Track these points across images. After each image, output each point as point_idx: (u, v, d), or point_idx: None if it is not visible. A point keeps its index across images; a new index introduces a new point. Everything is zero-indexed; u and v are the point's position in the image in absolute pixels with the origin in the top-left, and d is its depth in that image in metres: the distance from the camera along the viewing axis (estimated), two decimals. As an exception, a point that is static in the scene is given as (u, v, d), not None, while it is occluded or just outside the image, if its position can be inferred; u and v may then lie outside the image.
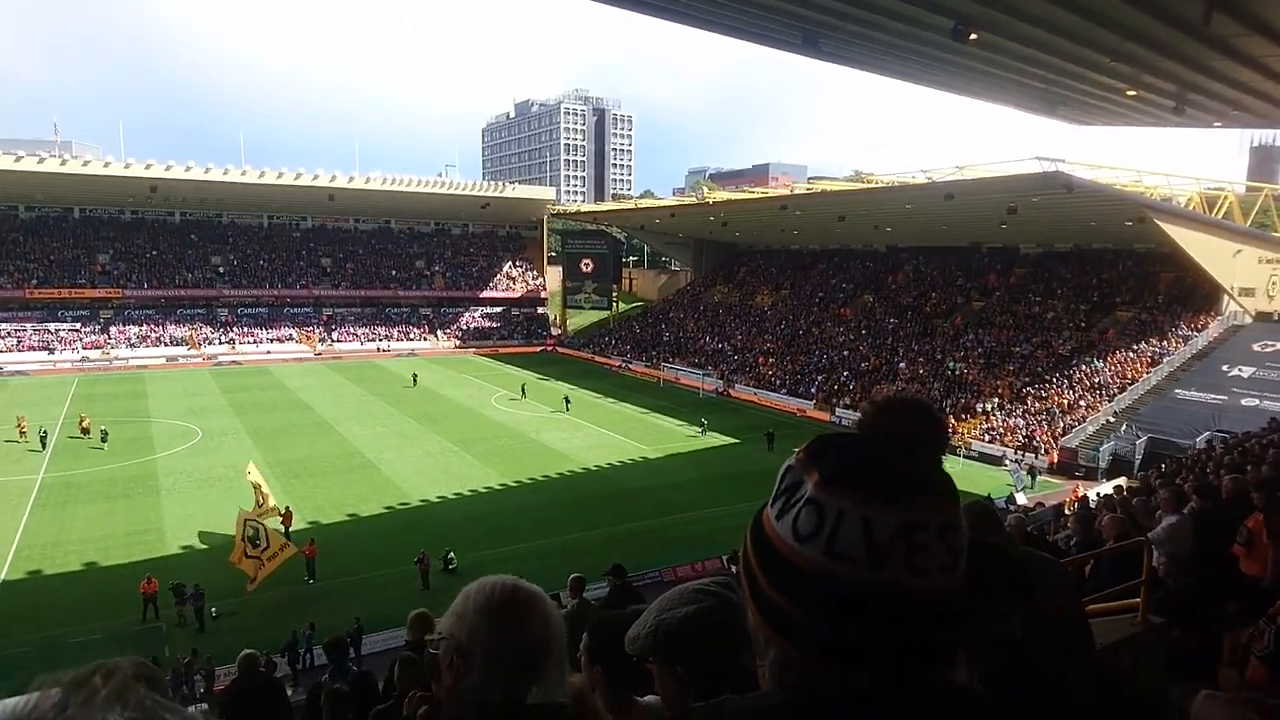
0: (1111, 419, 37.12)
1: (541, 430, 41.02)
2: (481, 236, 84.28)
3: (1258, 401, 33.67)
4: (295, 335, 68.62)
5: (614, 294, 78.03)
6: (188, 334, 64.90)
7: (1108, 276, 47.98)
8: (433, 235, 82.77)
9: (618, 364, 64.31)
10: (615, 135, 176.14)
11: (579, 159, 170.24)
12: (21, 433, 36.09)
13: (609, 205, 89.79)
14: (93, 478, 31.44)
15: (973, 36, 13.82)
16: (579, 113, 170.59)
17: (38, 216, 67.29)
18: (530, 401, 48.00)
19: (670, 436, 40.99)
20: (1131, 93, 18.00)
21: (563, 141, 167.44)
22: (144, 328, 64.53)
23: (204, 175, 63.76)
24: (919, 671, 0.83)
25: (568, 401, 46.64)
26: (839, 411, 45.77)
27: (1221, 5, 11.11)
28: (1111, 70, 16.31)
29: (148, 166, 62.29)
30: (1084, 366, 41.40)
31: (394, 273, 76.95)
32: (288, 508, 25.82)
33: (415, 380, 52.65)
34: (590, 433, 41.17)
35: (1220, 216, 41.95)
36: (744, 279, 71.93)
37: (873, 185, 48.08)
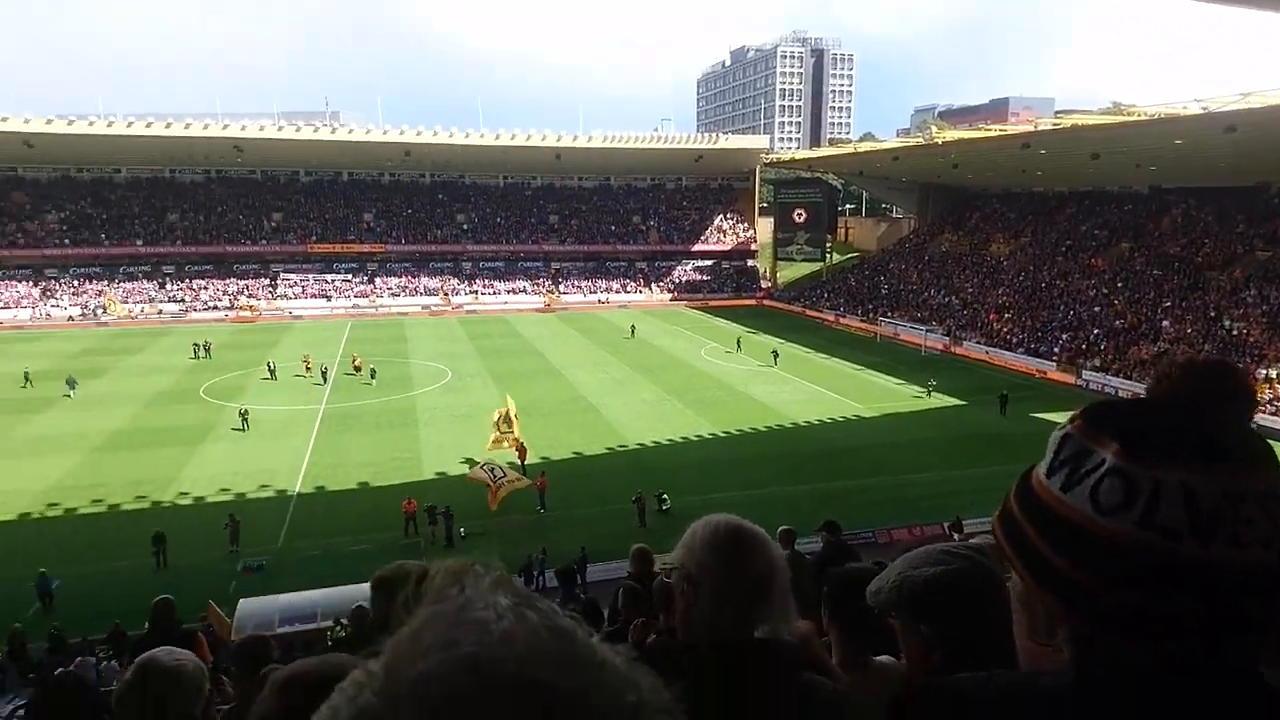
0: None
1: (750, 383, 41.27)
2: (694, 190, 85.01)
3: None
4: (529, 288, 73.96)
5: (828, 245, 75.67)
6: (439, 285, 72.17)
7: None
8: (648, 190, 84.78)
9: (832, 318, 62.69)
10: (834, 76, 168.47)
11: (794, 104, 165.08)
12: (307, 369, 42.41)
13: (825, 151, 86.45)
14: (364, 410, 36.36)
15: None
16: (796, 56, 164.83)
17: (315, 180, 77.39)
18: (740, 355, 48.33)
19: (887, 395, 39.57)
20: None
21: (778, 87, 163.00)
22: (403, 279, 72.63)
23: (449, 139, 69.94)
24: (1231, 642, 0.79)
25: (776, 355, 46.40)
26: (1086, 374, 41.56)
27: None
28: None
29: (402, 132, 69.46)
30: None
31: (613, 228, 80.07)
32: (522, 443, 28.35)
33: (633, 332, 54.67)
34: (800, 388, 40.79)
35: None
36: (976, 226, 66.66)
37: (1135, 118, 42.13)
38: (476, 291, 72.67)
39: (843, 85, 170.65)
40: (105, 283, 65.55)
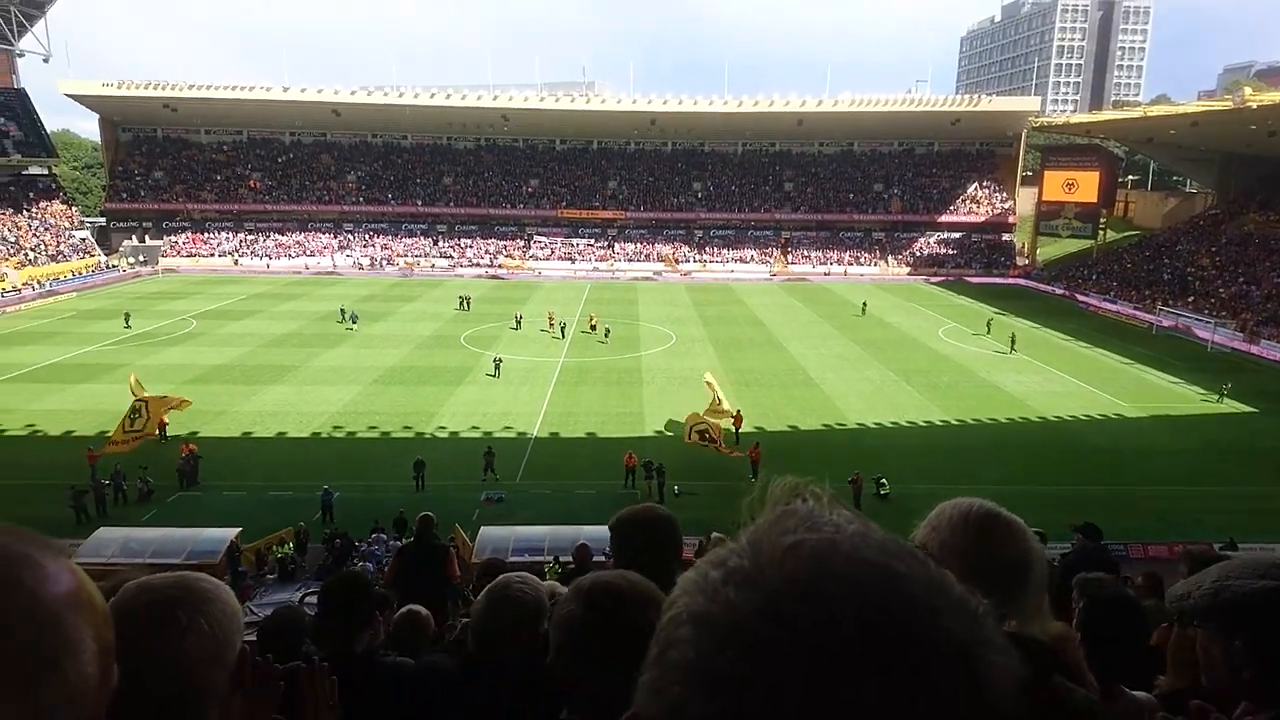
0: None
1: (993, 369, 38.25)
2: (947, 156, 79.19)
3: None
4: (756, 256, 73.78)
5: (1102, 221, 67.30)
6: (667, 252, 74.23)
7: None
8: (895, 156, 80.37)
9: (1100, 303, 56.01)
10: (1125, 32, 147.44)
11: (1073, 62, 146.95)
12: (551, 324, 45.81)
13: (1108, 114, 76.30)
14: (596, 365, 38.66)
15: None
16: (1080, 9, 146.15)
17: (569, 149, 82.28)
18: (988, 338, 44.73)
19: (1158, 394, 34.90)
20: None
21: (1055, 44, 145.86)
22: (639, 245, 75.56)
23: (694, 106, 71.19)
24: None
25: (1014, 341, 42.66)
26: None
27: None
28: None
29: (650, 101, 71.86)
30: None
31: (851, 196, 77.10)
32: (739, 411, 28.68)
33: (864, 309, 52.57)
34: (1052, 378, 37.12)
35: None
36: (1295, 206, 55.96)
37: None
38: (705, 260, 73.72)
39: (1135, 42, 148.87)
40: (390, 237, 74.96)
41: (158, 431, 26.70)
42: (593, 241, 76.29)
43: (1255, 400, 33.27)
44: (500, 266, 71.54)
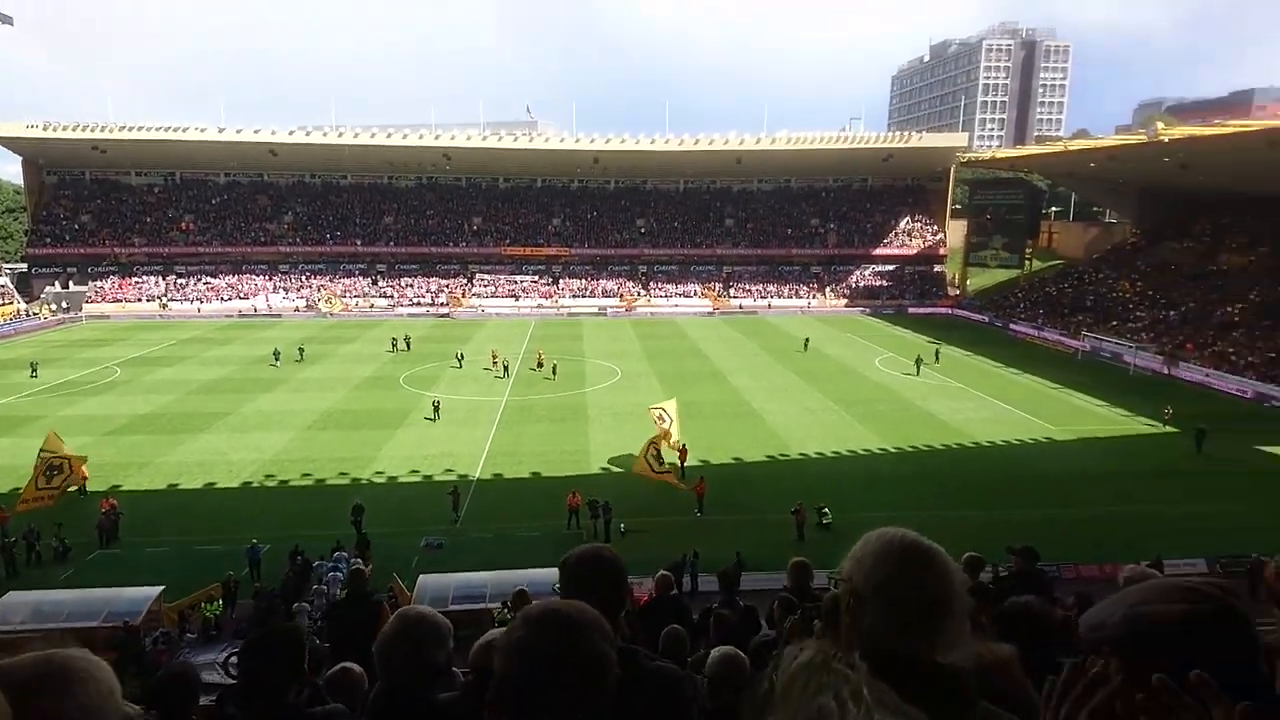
0: None
1: (928, 397, 39.18)
2: (880, 191, 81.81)
3: None
4: (699, 291, 74.69)
5: (1028, 250, 70.09)
6: (617, 288, 74.67)
7: None
8: (831, 191, 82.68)
9: (1027, 330, 58.03)
10: (1045, 70, 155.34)
11: (998, 100, 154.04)
12: (495, 362, 45.38)
13: (1031, 149, 79.88)
14: (539, 404, 38.37)
15: None
16: (1003, 49, 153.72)
17: (512, 187, 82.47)
18: (932, 368, 45.62)
19: (1085, 417, 36.13)
20: None
21: (981, 82, 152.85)
22: (583, 281, 75.79)
23: (636, 145, 72.28)
24: None
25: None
26: (1334, 405, 35.75)
27: None
28: None
29: (592, 140, 72.71)
30: None
31: (789, 231, 78.92)
32: (684, 444, 28.70)
33: (806, 345, 51.97)
34: (984, 404, 38.18)
35: None
36: (1203, 233, 59.14)
37: None
38: (649, 294, 74.38)
39: (1055, 79, 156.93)
40: (328, 278, 73.67)
41: (77, 487, 25.49)
42: (537, 278, 76.26)
43: (1177, 422, 34.61)
44: (444, 305, 70.85)
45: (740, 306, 72.11)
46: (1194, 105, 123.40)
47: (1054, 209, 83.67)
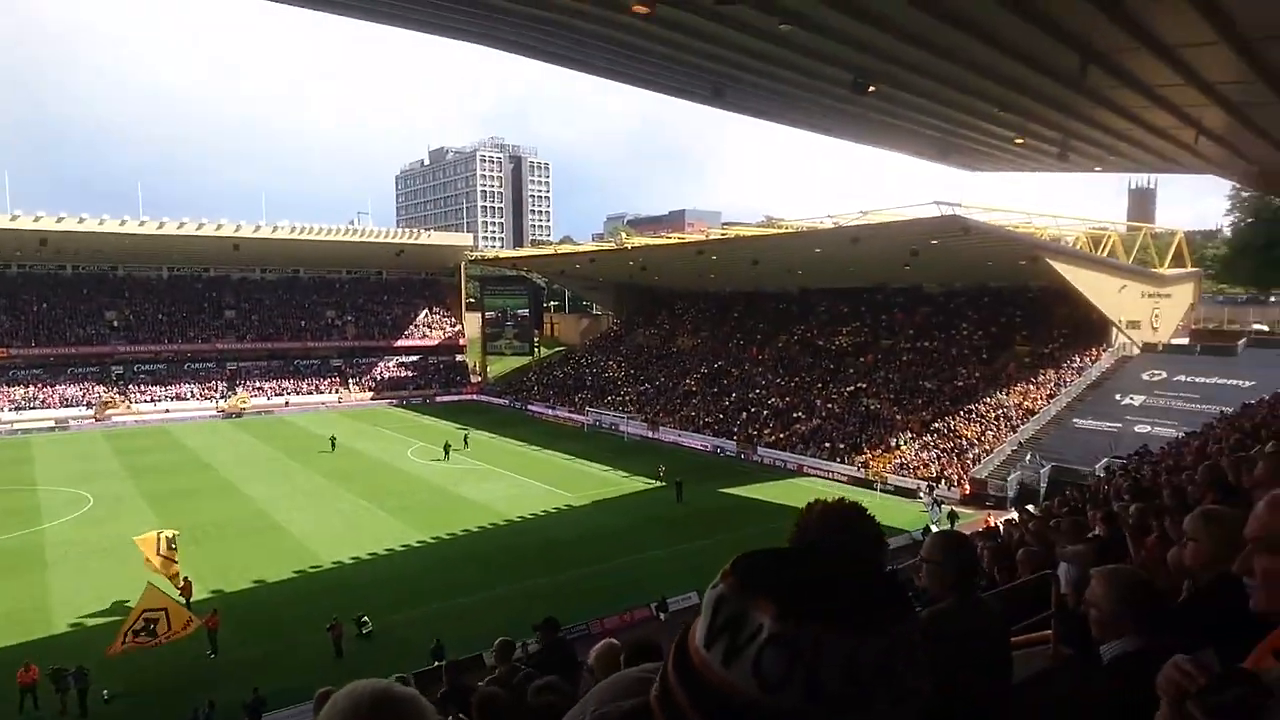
0: (1016, 449, 38.75)
1: (460, 482, 39.94)
2: (396, 284, 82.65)
3: (1149, 428, 35.78)
4: (198, 392, 65.30)
5: (535, 339, 77.63)
6: (89, 396, 60.93)
7: (1006, 313, 50.52)
8: (344, 284, 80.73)
9: (544, 410, 63.64)
10: (533, 182, 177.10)
11: (496, 205, 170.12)
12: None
13: (528, 251, 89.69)
14: (-36, 554, 28.76)
15: (871, 89, 14.43)
16: (495, 160, 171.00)
17: (-93, 271, 62.44)
18: (455, 454, 46.33)
19: (596, 482, 40.54)
20: (1019, 140, 19.14)
21: (479, 188, 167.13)
22: (28, 389, 60.28)
23: (98, 226, 60.89)
24: None
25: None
26: (761, 450, 46.30)
27: (1095, 59, 11.94)
28: (1000, 120, 17.32)
29: (36, 219, 59.08)
30: (988, 400, 43.24)
31: (303, 323, 74.45)
32: (187, 578, 24.17)
33: (334, 444, 47.95)
34: (512, 482, 40.34)
35: (1105, 255, 44.93)
36: (664, 322, 72.67)
37: (783, 231, 49.56)
38: (129, 400, 62.62)
39: (541, 190, 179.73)
40: None
41: None
42: (-45, 389, 58.32)
43: (669, 476, 40.31)
44: None
45: (253, 406, 64.93)
46: (647, 219, 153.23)
47: (553, 303, 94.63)
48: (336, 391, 70.94)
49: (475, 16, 14.96)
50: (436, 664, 17.83)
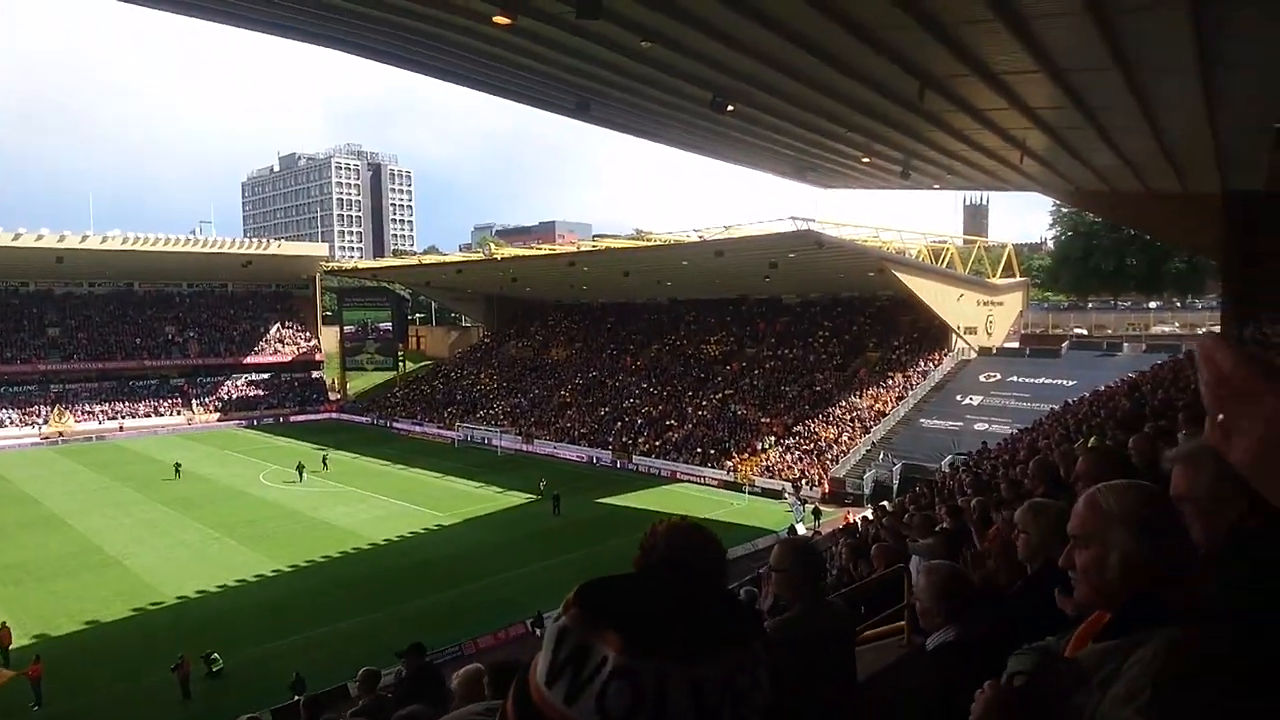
0: (870, 449, 41.16)
1: (320, 506, 37.90)
2: (244, 297, 77.49)
3: (987, 425, 38.84)
4: (19, 418, 58.66)
5: (400, 353, 74.98)
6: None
7: (857, 321, 53.68)
8: (185, 297, 74.93)
9: (410, 427, 61.51)
10: (393, 191, 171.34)
11: (354, 214, 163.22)
12: None
13: (389, 261, 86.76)
14: None
15: (730, 108, 15.01)
16: (351, 167, 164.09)
17: None
18: (312, 476, 43.90)
19: (467, 500, 39.58)
20: (866, 160, 20.48)
21: (335, 197, 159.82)
22: None
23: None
24: None
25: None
26: (636, 458, 46.78)
27: (932, 84, 12.96)
28: (848, 140, 18.46)
29: None
30: (844, 403, 45.73)
31: (138, 340, 68.47)
32: (4, 624, 21.64)
33: (178, 470, 44.37)
34: (377, 503, 38.70)
35: (944, 266, 48.68)
36: (537, 333, 72.13)
37: (652, 243, 50.55)
38: (-67, 428, 55.53)
39: (403, 200, 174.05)
40: None
41: None
42: None
43: (549, 489, 39.60)
44: None
45: (82, 432, 58.97)
46: (516, 230, 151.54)
47: (419, 315, 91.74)
48: (179, 413, 65.69)
49: (302, 12, 14.29)
50: (295, 699, 16.82)
